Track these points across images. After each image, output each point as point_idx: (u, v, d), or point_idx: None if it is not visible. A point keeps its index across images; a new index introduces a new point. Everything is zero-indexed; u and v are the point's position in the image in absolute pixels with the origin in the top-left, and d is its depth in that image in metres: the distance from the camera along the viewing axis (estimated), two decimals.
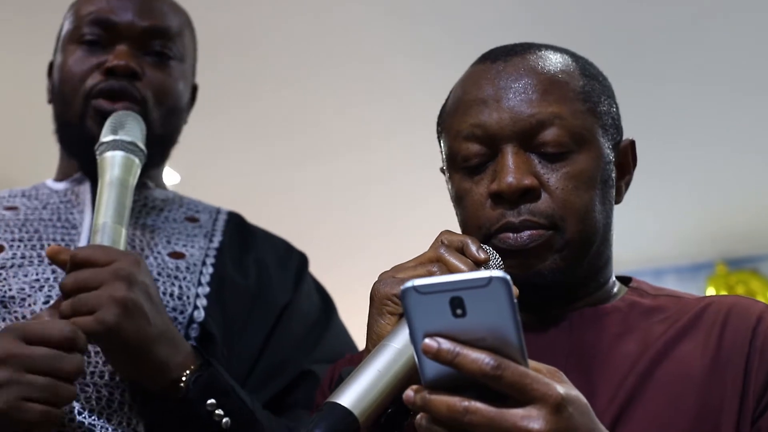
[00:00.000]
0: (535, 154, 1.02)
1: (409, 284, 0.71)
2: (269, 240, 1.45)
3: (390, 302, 0.88)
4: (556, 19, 3.19)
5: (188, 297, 1.25)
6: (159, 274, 1.25)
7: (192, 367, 1.12)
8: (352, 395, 0.80)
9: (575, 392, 0.76)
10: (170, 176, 4.31)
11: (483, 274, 0.71)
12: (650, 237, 5.09)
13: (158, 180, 1.46)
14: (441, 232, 0.94)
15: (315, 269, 1.47)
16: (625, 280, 1.13)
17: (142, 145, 1.25)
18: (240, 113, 3.77)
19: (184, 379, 1.10)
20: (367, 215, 4.63)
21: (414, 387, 0.75)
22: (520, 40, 1.13)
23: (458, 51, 3.49)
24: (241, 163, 4.21)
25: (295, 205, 4.52)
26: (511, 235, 1.00)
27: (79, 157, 1.36)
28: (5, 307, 1.20)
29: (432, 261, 0.90)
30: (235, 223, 1.44)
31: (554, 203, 1.00)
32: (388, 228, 4.72)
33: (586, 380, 0.95)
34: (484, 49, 1.13)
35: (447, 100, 1.12)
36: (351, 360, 1.12)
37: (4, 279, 1.22)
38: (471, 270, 0.88)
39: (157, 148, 1.37)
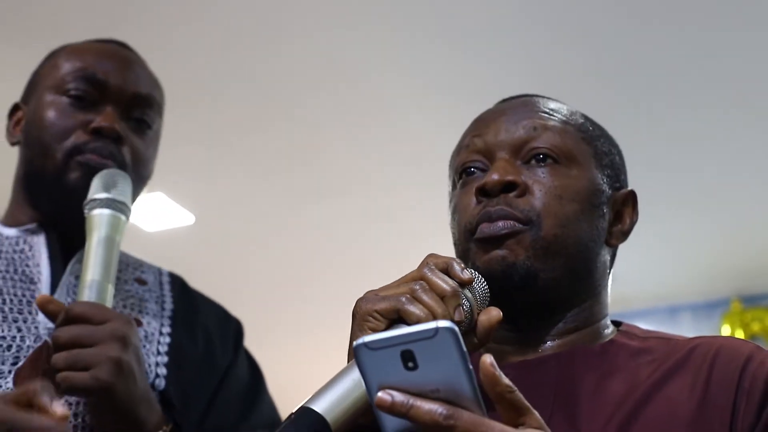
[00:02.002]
0: (526, 165, 1.05)
1: (359, 341, 0.72)
2: (209, 305, 1.46)
3: (371, 318, 0.88)
4: (572, 43, 3.19)
5: (149, 365, 1.26)
6: None
7: (165, 427, 1.15)
8: (326, 401, 0.79)
9: None
10: (185, 217, 4.34)
11: (429, 325, 0.71)
12: (664, 274, 5.07)
13: None
14: (427, 255, 0.94)
15: (330, 305, 1.48)
16: (616, 324, 1.12)
17: (130, 204, 1.26)
18: (254, 155, 3.79)
19: None
20: (380, 251, 4.64)
21: None
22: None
23: (467, 88, 3.53)
24: (255, 204, 4.23)
25: (308, 242, 4.53)
26: (486, 224, 1.01)
27: (45, 208, 1.34)
28: None
29: (415, 280, 0.90)
30: (180, 286, 1.44)
31: (534, 202, 1.02)
32: (399, 263, 4.72)
33: (572, 420, 0.95)
34: (490, 89, 1.17)
35: None
36: None
37: None
38: (453, 289, 0.88)
39: None
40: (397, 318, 0.87)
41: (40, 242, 1.34)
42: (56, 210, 1.30)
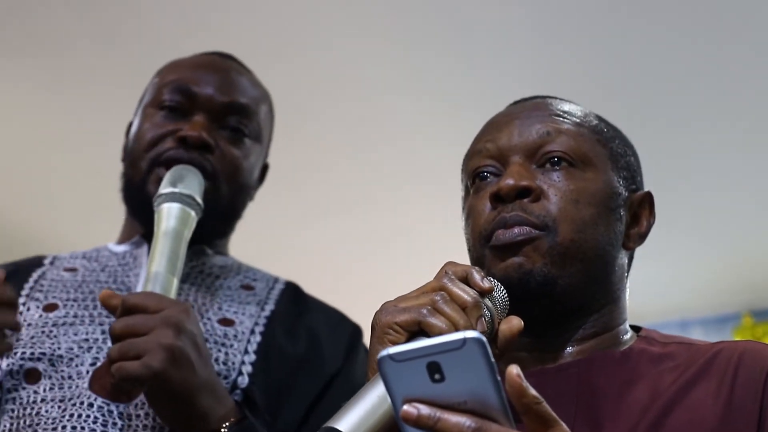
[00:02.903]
0: (540, 168, 1.04)
1: (384, 353, 0.71)
2: (323, 310, 1.45)
3: (392, 331, 0.87)
4: (580, 59, 3.19)
5: (233, 363, 1.25)
6: (206, 339, 1.25)
7: (232, 419, 1.12)
8: (351, 420, 0.78)
9: None
10: None
11: (457, 336, 0.69)
12: (675, 288, 5.05)
13: (221, 248, 1.47)
14: (445, 263, 0.93)
15: None
16: (635, 329, 1.11)
17: (199, 199, 1.26)
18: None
19: (222, 430, 1.11)
20: (390, 269, 4.62)
21: None
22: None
23: (475, 107, 3.53)
24: (260, 223, 4.22)
25: (314, 261, 4.52)
26: (502, 230, 1.00)
27: (140, 219, 1.38)
28: (53, 365, 1.21)
29: (435, 290, 0.89)
30: (291, 292, 1.44)
31: (550, 207, 1.01)
32: (406, 282, 4.70)
33: (596, 429, 0.94)
34: (500, 96, 1.16)
35: None
36: None
37: (55, 336, 1.24)
38: (475, 300, 0.87)
39: (221, 221, 1.40)
40: (419, 330, 0.85)
41: (142, 253, 1.37)
42: (146, 220, 1.31)
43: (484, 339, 0.69)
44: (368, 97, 3.37)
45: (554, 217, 1.00)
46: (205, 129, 1.33)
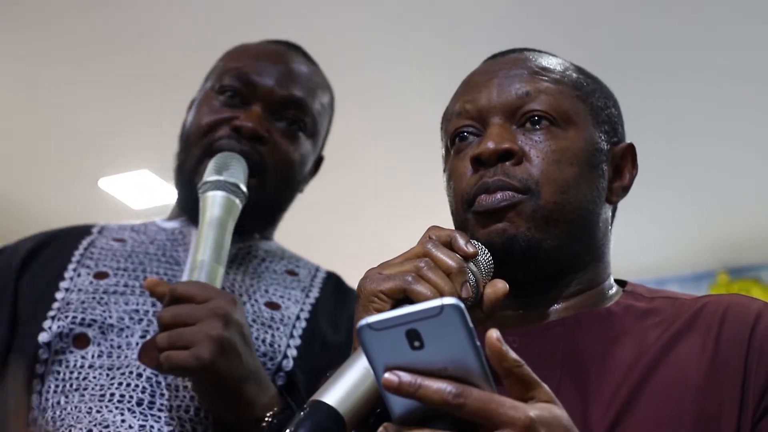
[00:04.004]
0: (521, 128, 1.03)
1: (363, 322, 0.71)
2: None
3: (376, 299, 0.87)
4: (562, 21, 3.18)
5: (279, 346, 1.27)
6: (254, 320, 1.28)
7: (276, 408, 1.14)
8: (337, 393, 0.79)
9: (551, 411, 0.74)
10: (171, 195, 4.32)
11: (434, 303, 0.70)
12: (651, 246, 5.09)
13: (267, 234, 1.48)
14: (429, 228, 0.93)
15: None
16: (621, 283, 1.12)
17: (244, 187, 1.27)
18: None
19: (267, 418, 1.13)
20: (373, 229, 4.63)
21: (385, 424, 0.74)
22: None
23: (457, 60, 3.51)
24: None
25: (302, 220, 4.51)
26: (484, 196, 0.99)
27: (186, 207, 1.40)
28: (103, 333, 1.23)
29: (419, 256, 0.88)
30: (334, 281, 1.46)
31: (532, 170, 1.00)
32: (394, 240, 4.71)
33: (581, 388, 0.95)
34: (481, 56, 1.16)
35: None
36: None
37: (106, 304, 1.25)
38: (459, 265, 0.87)
39: (268, 212, 1.42)
40: (404, 298, 0.85)
41: (192, 231, 1.39)
42: (192, 210, 1.33)
43: (462, 305, 0.70)
44: (360, 61, 3.38)
45: (537, 179, 0.99)
46: (261, 120, 1.34)
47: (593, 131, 1.05)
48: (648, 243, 5.01)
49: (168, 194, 4.34)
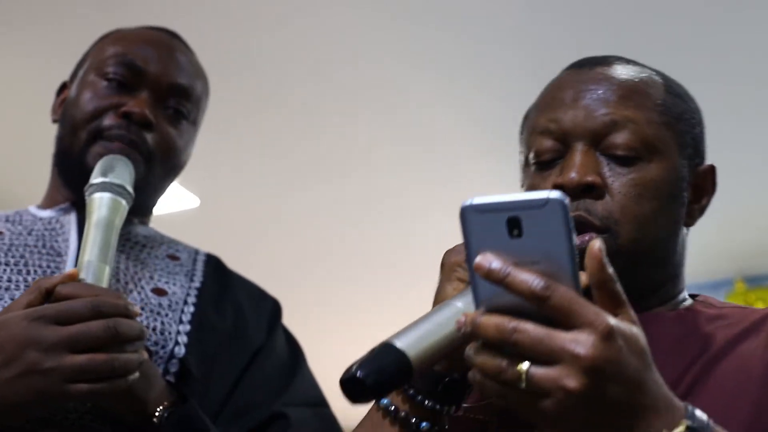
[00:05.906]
0: (605, 156, 1.03)
1: (468, 202, 0.72)
2: (244, 284, 1.48)
3: (460, 269, 0.89)
4: (566, 19, 3.17)
5: (170, 333, 1.27)
6: (142, 308, 1.27)
7: (166, 402, 1.14)
8: (409, 338, 0.78)
9: (632, 329, 0.74)
10: (190, 201, 4.36)
11: (541, 194, 0.71)
12: None
13: (145, 220, 1.49)
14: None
15: (334, 286, 1.48)
16: (693, 296, 1.14)
17: (130, 189, 1.27)
18: (258, 137, 3.81)
19: (157, 414, 1.13)
20: (383, 230, 4.64)
21: (465, 313, 0.75)
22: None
23: (465, 67, 3.52)
24: (260, 186, 4.24)
25: (313, 223, 4.54)
26: None
27: (73, 188, 1.38)
28: None
29: None
30: (214, 265, 1.47)
31: (613, 206, 1.00)
32: (403, 242, 4.73)
33: None
34: (490, 69, 1.16)
35: (533, 104, 1.14)
36: None
37: None
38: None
39: (151, 197, 1.43)
40: None
41: (71, 220, 1.38)
42: (80, 190, 1.31)
43: (567, 201, 0.70)
44: (361, 59, 3.35)
45: (617, 219, 1.00)
46: (149, 106, 1.35)
47: (677, 159, 1.05)
48: None
49: (187, 200, 4.38)
